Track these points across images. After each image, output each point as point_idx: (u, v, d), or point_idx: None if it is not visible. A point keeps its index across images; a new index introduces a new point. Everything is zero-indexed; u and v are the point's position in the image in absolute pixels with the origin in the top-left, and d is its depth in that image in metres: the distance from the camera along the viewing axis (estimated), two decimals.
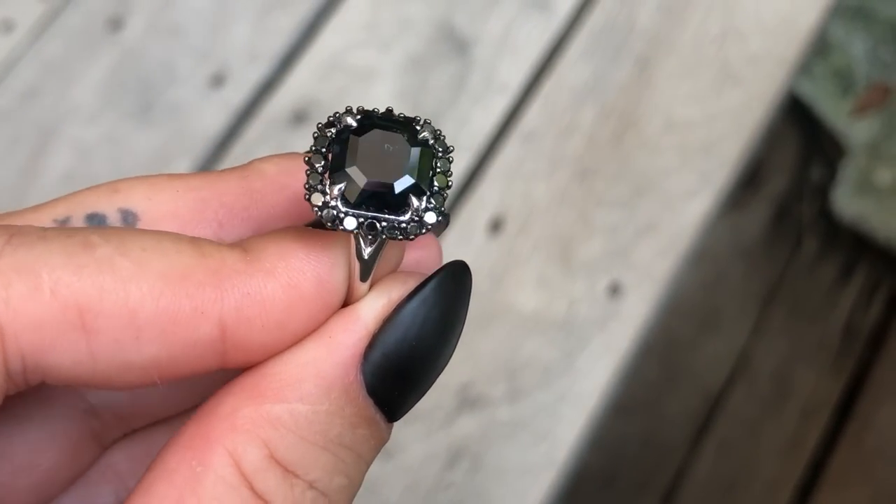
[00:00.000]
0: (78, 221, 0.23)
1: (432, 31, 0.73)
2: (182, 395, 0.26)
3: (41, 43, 0.71)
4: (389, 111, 0.22)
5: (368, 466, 0.22)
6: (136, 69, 0.71)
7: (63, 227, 0.21)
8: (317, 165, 0.21)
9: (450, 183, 0.22)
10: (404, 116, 0.22)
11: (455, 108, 0.71)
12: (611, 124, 0.71)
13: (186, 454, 0.20)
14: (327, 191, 0.21)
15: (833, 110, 1.13)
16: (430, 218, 0.21)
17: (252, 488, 0.20)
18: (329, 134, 0.21)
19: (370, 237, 0.21)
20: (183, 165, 0.68)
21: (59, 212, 0.23)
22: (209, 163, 0.69)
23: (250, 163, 0.24)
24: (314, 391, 0.21)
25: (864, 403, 1.06)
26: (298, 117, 0.70)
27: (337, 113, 0.22)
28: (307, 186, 0.21)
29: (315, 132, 0.22)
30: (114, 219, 0.23)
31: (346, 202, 0.21)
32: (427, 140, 0.22)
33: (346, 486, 0.21)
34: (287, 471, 0.20)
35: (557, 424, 0.64)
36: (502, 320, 0.66)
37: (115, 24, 0.72)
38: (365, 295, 0.22)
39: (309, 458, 0.21)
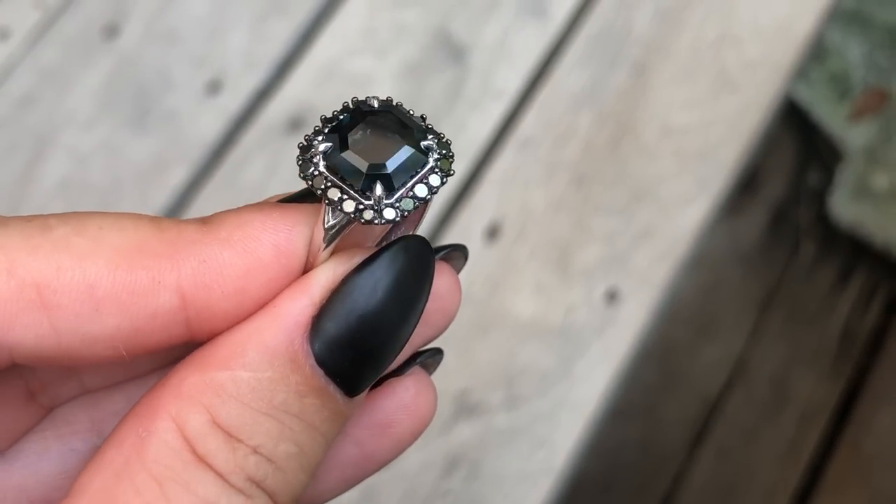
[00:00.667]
0: None
1: (429, 38, 0.73)
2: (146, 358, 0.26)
3: (37, 50, 0.71)
4: (389, 100, 0.23)
5: (328, 439, 0.22)
6: (132, 76, 0.71)
7: (24, 216, 0.21)
8: (335, 196, 0.21)
9: (444, 181, 0.22)
10: (346, 105, 0.23)
11: (452, 115, 0.71)
12: (607, 130, 0.71)
13: (135, 422, 0.21)
14: (369, 203, 0.21)
15: (830, 115, 1.13)
16: (389, 214, 0.21)
17: (194, 451, 0.20)
18: (314, 162, 0.22)
19: (335, 209, 0.21)
20: (179, 172, 0.68)
21: None
22: (206, 169, 0.69)
23: (216, 216, 0.24)
24: (257, 359, 0.21)
25: (862, 408, 1.06)
26: (295, 124, 0.70)
27: (302, 143, 0.22)
28: (354, 213, 0.21)
29: (300, 171, 0.22)
30: None
31: (388, 195, 0.21)
32: (412, 120, 0.22)
33: (296, 453, 0.21)
34: (230, 435, 0.20)
35: (555, 431, 0.64)
36: (500, 327, 0.66)
37: (112, 31, 0.71)
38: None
39: (251, 424, 0.21)
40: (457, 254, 0.26)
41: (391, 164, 0.21)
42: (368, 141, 0.22)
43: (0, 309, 0.20)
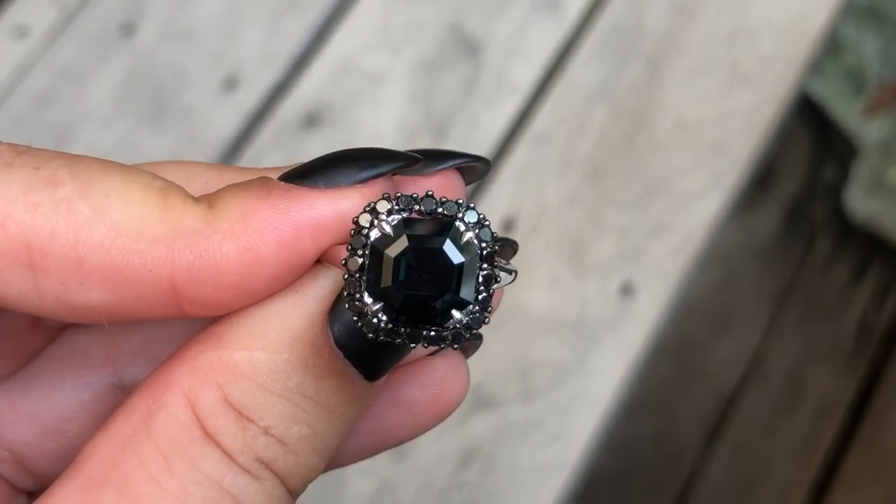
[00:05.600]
0: None
1: (443, 34, 0.73)
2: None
3: (55, 48, 0.71)
4: (430, 197, 0.21)
5: (344, 423, 0.22)
6: (149, 74, 0.71)
7: (37, 156, 0.21)
8: (354, 271, 0.21)
9: (492, 291, 0.21)
10: (444, 206, 0.21)
11: (466, 110, 0.71)
12: (622, 125, 0.72)
13: (146, 393, 0.21)
14: (365, 301, 0.21)
15: (845, 110, 1.13)
16: (387, 335, 0.21)
17: (203, 428, 0.20)
18: (365, 234, 0.21)
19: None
20: None
21: None
22: None
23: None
24: (277, 340, 0.21)
25: (877, 403, 1.06)
26: (311, 120, 0.70)
27: (372, 205, 0.21)
28: (346, 294, 0.21)
29: (352, 228, 0.21)
30: None
31: (386, 311, 0.21)
32: (469, 243, 0.21)
33: (309, 436, 0.21)
34: (241, 415, 0.20)
35: (570, 424, 0.64)
36: (515, 321, 0.66)
37: (128, 28, 0.72)
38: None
39: (264, 405, 0.21)
40: (473, 165, 0.25)
41: (401, 310, 0.21)
42: (423, 264, 0.21)
43: None
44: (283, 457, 0.21)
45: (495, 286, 0.21)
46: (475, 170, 0.25)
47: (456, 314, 0.21)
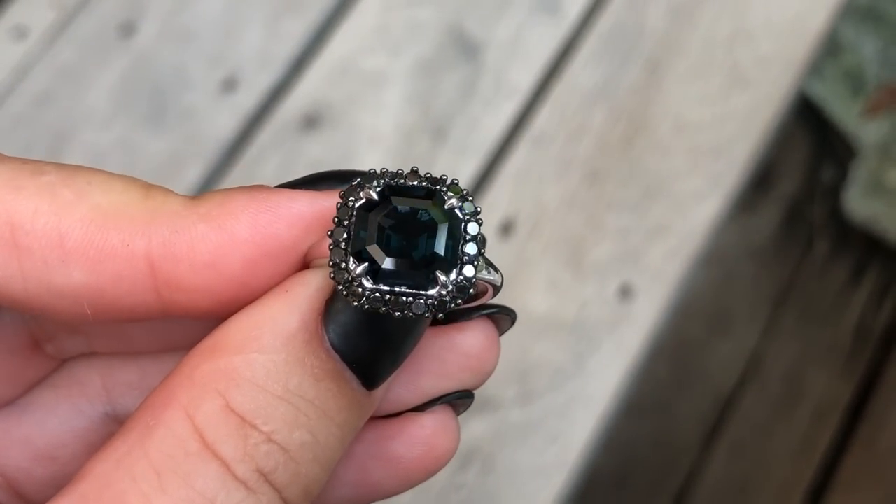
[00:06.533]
0: None
1: (442, 36, 0.73)
2: (155, 331, 0.26)
3: (54, 49, 0.71)
4: (414, 172, 0.22)
5: (344, 433, 0.22)
6: (148, 75, 0.71)
7: (24, 158, 0.22)
8: (340, 240, 0.21)
9: (483, 251, 0.22)
10: (428, 178, 0.22)
11: (465, 112, 0.71)
12: (620, 127, 0.72)
13: (145, 413, 0.20)
14: (350, 268, 0.21)
15: (844, 111, 1.13)
16: (375, 302, 0.21)
17: (202, 440, 0.20)
18: (351, 204, 0.21)
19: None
20: (195, 170, 0.69)
21: None
22: (221, 167, 0.69)
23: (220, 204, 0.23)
24: (272, 341, 0.21)
25: (875, 405, 1.06)
26: (310, 122, 0.70)
27: (359, 180, 0.21)
28: (331, 263, 0.21)
29: (338, 202, 0.21)
30: None
31: (370, 278, 0.21)
32: (453, 208, 0.21)
33: (310, 443, 0.21)
34: (244, 421, 0.20)
35: (569, 426, 0.64)
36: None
37: (128, 29, 0.72)
38: None
39: (267, 408, 0.20)
40: (504, 317, 0.25)
41: (387, 265, 0.21)
42: (406, 225, 0.21)
43: None
44: (284, 466, 0.20)
45: (480, 274, 0.21)
46: (504, 322, 0.25)
47: (441, 277, 0.21)
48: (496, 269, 0.22)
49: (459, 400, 0.25)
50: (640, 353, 0.66)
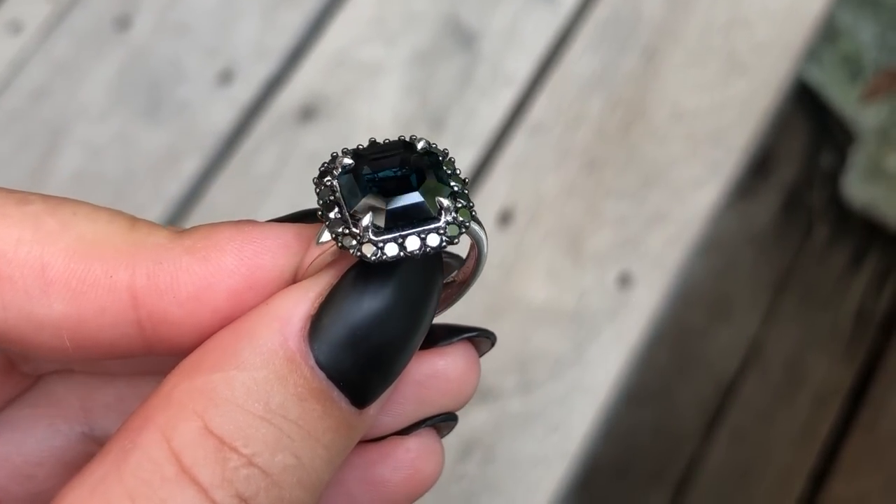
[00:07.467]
0: None
1: (438, 26, 0.73)
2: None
3: (49, 43, 0.71)
4: (372, 142, 0.22)
5: (332, 455, 0.21)
6: (144, 68, 0.71)
7: (9, 189, 0.21)
8: (331, 215, 0.21)
9: (467, 180, 0.22)
10: (388, 141, 0.22)
11: (462, 102, 0.71)
12: (618, 115, 0.71)
13: (123, 435, 0.20)
14: (353, 231, 0.20)
15: (842, 96, 1.13)
16: (368, 250, 0.20)
17: (179, 463, 0.19)
18: (328, 183, 0.21)
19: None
20: (192, 163, 0.69)
21: None
22: (218, 159, 0.69)
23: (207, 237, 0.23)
24: (251, 358, 0.20)
25: (876, 390, 1.06)
26: (307, 113, 0.70)
27: (325, 163, 0.21)
28: (335, 236, 0.20)
29: (315, 188, 0.21)
30: None
31: (376, 231, 0.20)
32: (426, 151, 0.21)
33: (294, 466, 0.20)
34: (223, 443, 0.19)
35: (569, 415, 0.64)
36: (512, 312, 0.66)
37: (123, 23, 0.72)
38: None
39: (247, 429, 0.19)
40: (483, 339, 0.25)
41: (392, 203, 0.20)
42: (389, 176, 0.21)
43: None
44: (266, 491, 0.19)
45: (469, 225, 0.21)
46: (484, 345, 0.25)
47: (444, 202, 0.20)
48: (480, 225, 0.22)
49: (443, 423, 0.25)
50: (641, 341, 0.66)
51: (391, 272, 0.21)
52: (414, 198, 0.20)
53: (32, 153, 0.68)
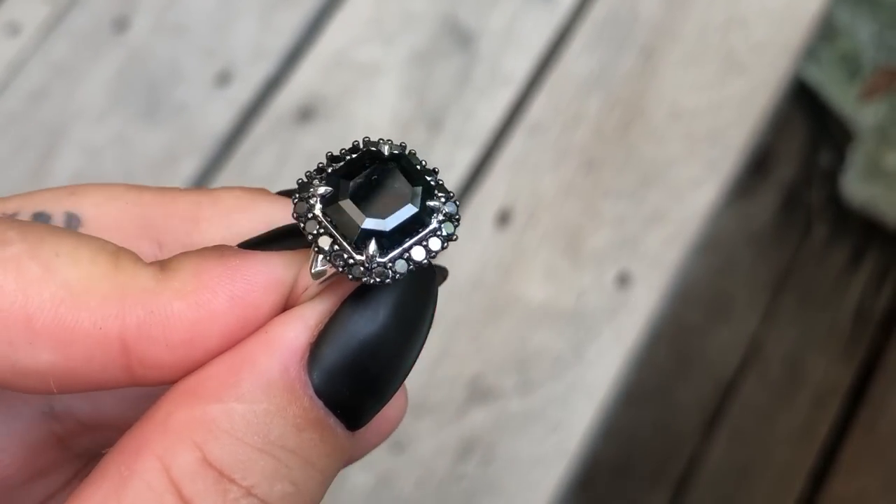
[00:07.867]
0: (25, 217, 0.22)
1: (436, 26, 0.73)
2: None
3: (48, 44, 0.71)
4: (331, 157, 0.21)
5: (326, 477, 0.21)
6: (142, 69, 0.71)
7: None
8: (325, 245, 0.20)
9: (444, 245, 0.21)
10: (347, 151, 0.22)
11: (460, 102, 0.71)
12: (616, 114, 0.71)
13: (118, 459, 0.19)
14: (360, 258, 0.20)
15: (840, 95, 1.13)
16: (402, 266, 0.20)
17: (179, 494, 0.19)
18: (308, 204, 0.21)
19: (324, 258, 0.20)
20: (191, 164, 0.69)
21: (10, 207, 0.23)
22: (217, 161, 0.69)
23: (214, 190, 0.23)
24: (251, 389, 0.20)
25: (875, 389, 1.06)
26: (304, 114, 0.70)
27: (301, 180, 0.21)
28: (341, 269, 0.20)
29: (294, 210, 0.21)
30: (58, 220, 0.23)
31: (382, 254, 0.20)
32: (401, 154, 0.21)
33: (292, 493, 0.20)
34: (222, 475, 0.19)
35: (569, 415, 0.64)
36: (511, 312, 0.66)
37: (121, 24, 0.72)
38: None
39: (246, 462, 0.19)
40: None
41: (390, 223, 0.20)
42: (371, 192, 0.20)
43: None
44: None
45: (459, 217, 0.21)
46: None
47: (371, 247, 0.20)
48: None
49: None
50: (640, 341, 0.66)
51: (392, 292, 0.21)
52: (409, 210, 0.20)
53: (31, 154, 0.68)
